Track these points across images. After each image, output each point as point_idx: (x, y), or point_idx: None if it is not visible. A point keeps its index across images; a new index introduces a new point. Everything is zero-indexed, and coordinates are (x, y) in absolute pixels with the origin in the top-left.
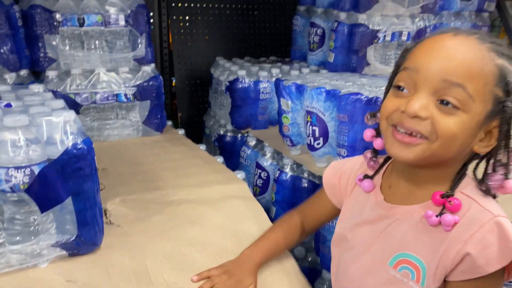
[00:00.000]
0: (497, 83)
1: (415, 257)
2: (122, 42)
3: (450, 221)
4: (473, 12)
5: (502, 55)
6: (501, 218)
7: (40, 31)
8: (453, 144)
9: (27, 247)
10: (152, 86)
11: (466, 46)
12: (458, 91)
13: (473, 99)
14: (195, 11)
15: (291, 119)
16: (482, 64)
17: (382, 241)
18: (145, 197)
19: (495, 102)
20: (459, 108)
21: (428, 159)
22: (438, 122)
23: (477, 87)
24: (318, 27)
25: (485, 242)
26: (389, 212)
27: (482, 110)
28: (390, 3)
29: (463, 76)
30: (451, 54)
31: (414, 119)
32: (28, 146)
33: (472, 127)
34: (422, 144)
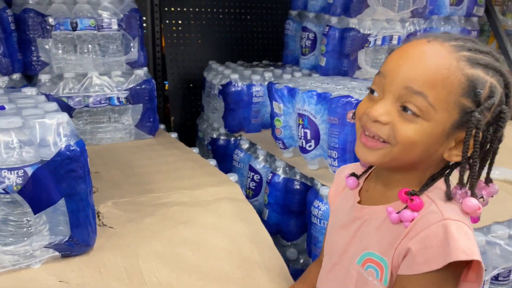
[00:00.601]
0: (464, 93)
1: (378, 256)
2: (115, 46)
3: (408, 217)
4: (462, 17)
5: (478, 64)
6: (450, 222)
7: (33, 35)
8: (413, 150)
9: (20, 248)
10: (144, 90)
11: (434, 54)
12: (419, 99)
13: (435, 108)
14: (188, 15)
15: (283, 122)
16: (448, 73)
17: (355, 242)
18: (138, 199)
19: (462, 112)
20: (419, 116)
21: (390, 163)
22: (397, 128)
23: (439, 96)
24: (310, 31)
25: (426, 241)
26: (360, 213)
27: (446, 120)
28: (380, 7)
29: (425, 84)
30: (416, 62)
31: (376, 124)
32: (21, 148)
33: (435, 135)
34: (383, 149)
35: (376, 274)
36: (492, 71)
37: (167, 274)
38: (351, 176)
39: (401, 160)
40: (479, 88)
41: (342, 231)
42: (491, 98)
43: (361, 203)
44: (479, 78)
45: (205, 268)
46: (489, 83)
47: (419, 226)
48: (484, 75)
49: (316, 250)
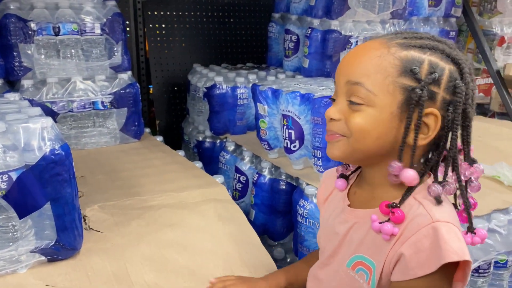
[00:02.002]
0: (401, 73)
1: (368, 259)
2: (98, 50)
3: (388, 231)
4: (441, 18)
5: (411, 47)
6: (439, 224)
7: (14, 40)
8: (367, 137)
9: (5, 253)
10: (129, 94)
11: (366, 48)
12: (358, 89)
13: (374, 93)
14: (171, 19)
15: (268, 123)
16: (380, 60)
17: (345, 245)
18: (124, 203)
19: (404, 92)
20: (363, 104)
21: (354, 155)
22: (348, 120)
23: (376, 82)
24: (293, 33)
25: (418, 245)
26: (350, 216)
27: (391, 102)
28: (361, 9)
29: (360, 74)
30: (351, 59)
31: (332, 122)
32: (5, 153)
33: (384, 118)
34: (341, 140)
35: (366, 276)
36: (429, 50)
37: (155, 276)
38: (340, 178)
39: (361, 150)
40: (414, 65)
41: (333, 234)
42: (433, 73)
43: (351, 206)
44: (414, 57)
45: (192, 269)
46: (427, 60)
47: (409, 230)
48: (419, 54)
49: (303, 249)
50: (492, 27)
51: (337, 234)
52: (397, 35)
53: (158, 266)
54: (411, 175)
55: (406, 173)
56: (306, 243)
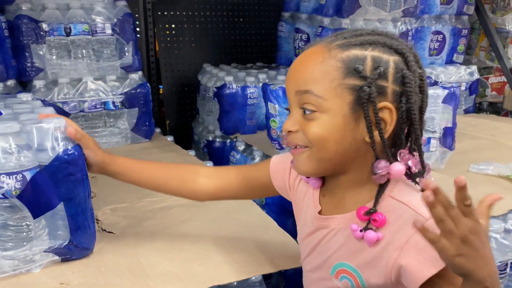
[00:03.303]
0: (345, 74)
1: (350, 266)
2: (109, 50)
3: (372, 238)
4: (453, 16)
5: (351, 46)
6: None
7: (26, 41)
8: (327, 143)
9: (19, 253)
10: (139, 94)
11: (308, 56)
12: (309, 97)
13: (324, 98)
14: (181, 19)
15: (279, 122)
16: (323, 65)
17: (320, 252)
18: (136, 204)
19: (353, 92)
20: (316, 111)
21: (321, 166)
22: (305, 130)
23: (324, 87)
24: (303, 32)
25: (418, 247)
26: (324, 222)
27: (341, 104)
28: (372, 7)
29: (307, 82)
30: (296, 68)
31: (291, 134)
32: (19, 153)
33: (339, 122)
34: (305, 152)
35: (351, 284)
36: (370, 46)
37: (169, 265)
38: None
39: (325, 158)
40: (357, 64)
41: (308, 238)
42: (378, 68)
43: (322, 211)
44: (355, 55)
45: (207, 255)
46: (370, 56)
47: (404, 234)
48: (361, 52)
49: None
50: (505, 25)
51: (312, 240)
52: (337, 36)
53: (171, 256)
54: (400, 168)
55: (395, 167)
56: None
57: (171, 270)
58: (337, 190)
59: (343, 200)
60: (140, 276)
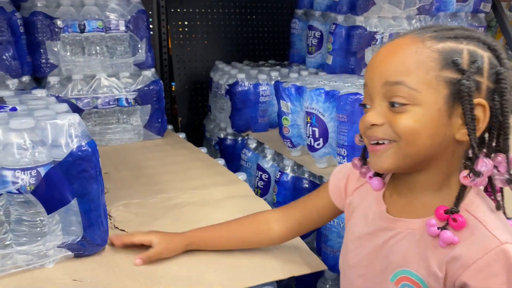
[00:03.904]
0: (442, 66)
1: (415, 275)
2: (123, 47)
3: (447, 239)
4: (469, 13)
5: (446, 38)
6: (509, 246)
7: (41, 38)
8: (418, 138)
9: (33, 248)
10: (152, 91)
11: (398, 45)
12: (400, 89)
13: (418, 90)
14: (194, 16)
15: (291, 120)
16: (417, 55)
17: (384, 255)
18: (149, 201)
19: (449, 85)
20: (408, 104)
21: (405, 162)
22: (394, 123)
23: (418, 78)
24: (316, 30)
25: (488, 271)
26: (391, 225)
27: (436, 97)
28: (387, 5)
29: (399, 73)
30: (384, 58)
31: (374, 128)
32: (34, 148)
33: (432, 116)
34: (391, 148)
35: None
36: (465, 40)
37: (181, 268)
38: (376, 176)
39: (413, 154)
40: (455, 56)
41: (367, 239)
42: (475, 62)
43: (388, 212)
44: (452, 48)
45: (219, 259)
46: (466, 50)
47: (473, 252)
48: (456, 44)
49: (326, 249)
50: None
51: (372, 242)
52: (425, 29)
53: (184, 259)
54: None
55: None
56: (330, 243)
57: (183, 274)
58: (407, 192)
59: (412, 203)
60: (152, 280)
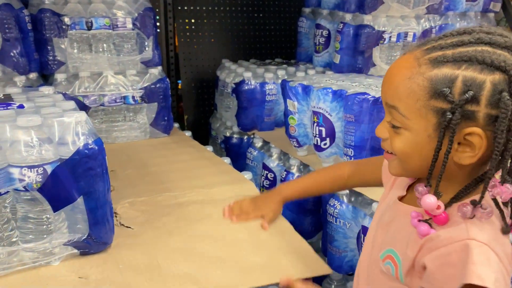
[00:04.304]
0: (431, 96)
1: (396, 254)
2: (130, 45)
3: (423, 231)
4: (478, 13)
5: (444, 62)
6: (473, 243)
7: (49, 35)
8: (409, 159)
9: (39, 245)
10: (159, 89)
11: (400, 66)
12: (394, 112)
13: (407, 117)
14: (201, 14)
15: (298, 120)
16: (410, 82)
17: (383, 234)
18: (154, 199)
19: (438, 114)
20: (401, 127)
21: (407, 172)
22: (391, 142)
23: (408, 106)
24: (324, 28)
25: (446, 259)
26: (394, 208)
27: (426, 125)
28: (395, 4)
29: (394, 98)
30: (387, 79)
31: (383, 140)
32: (40, 146)
33: (422, 142)
34: (394, 160)
35: (392, 271)
36: (465, 63)
37: (186, 266)
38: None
39: (410, 170)
40: (444, 86)
41: (376, 222)
42: (467, 92)
43: (403, 200)
44: (445, 75)
45: (223, 258)
46: (461, 77)
47: (441, 241)
48: (452, 71)
49: (332, 249)
50: None
51: (379, 223)
52: (435, 43)
53: (189, 257)
54: (430, 202)
55: (426, 199)
56: (336, 244)
57: (188, 272)
58: None
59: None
60: (157, 277)
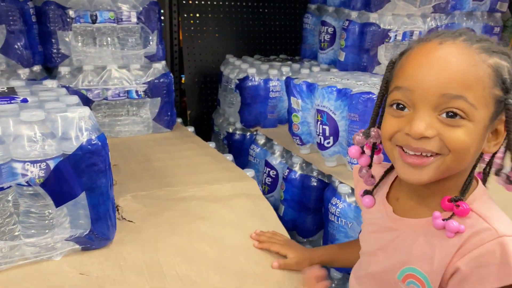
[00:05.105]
0: (495, 83)
1: (419, 272)
2: (134, 39)
3: (454, 228)
4: (485, 12)
5: (493, 52)
6: (506, 239)
7: (53, 28)
8: (468, 153)
9: (41, 240)
10: (163, 83)
11: (456, 54)
12: (460, 103)
13: (476, 107)
14: (205, 9)
15: (301, 117)
16: (476, 69)
17: (390, 253)
18: (157, 193)
19: (496, 103)
20: (465, 118)
21: (443, 175)
22: (447, 137)
23: (477, 94)
24: (329, 25)
25: (481, 260)
26: (397, 224)
27: (485, 115)
28: (401, 2)
29: (461, 87)
30: (443, 66)
31: (422, 140)
32: (44, 141)
33: (480, 133)
34: (435, 162)
35: None
36: (503, 55)
37: (186, 268)
38: (366, 195)
39: (453, 168)
40: (503, 74)
41: (374, 236)
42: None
43: (395, 213)
44: (498, 64)
45: (223, 263)
46: (506, 67)
47: (472, 244)
48: (500, 61)
49: None
50: None
51: (379, 238)
52: (462, 35)
53: (189, 258)
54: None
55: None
56: (337, 243)
57: (188, 274)
58: (415, 195)
59: (419, 205)
60: (158, 277)
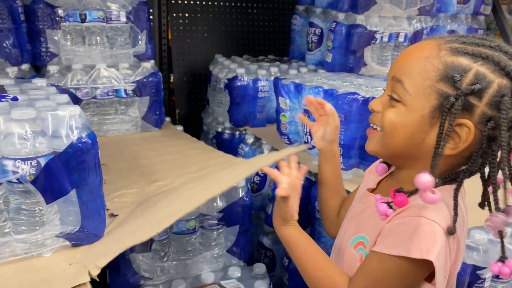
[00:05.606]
0: (441, 78)
1: (366, 239)
2: (123, 38)
3: (382, 211)
4: (469, 15)
5: (463, 53)
6: (424, 220)
7: (42, 26)
8: (395, 134)
9: (32, 236)
10: (151, 83)
11: (420, 47)
12: (398, 86)
13: (409, 93)
14: (194, 9)
15: (289, 117)
16: (425, 61)
17: (352, 222)
18: (145, 189)
19: (439, 97)
20: (399, 101)
21: (383, 151)
22: (383, 114)
23: (415, 83)
24: (317, 27)
25: (397, 228)
26: (365, 199)
27: (424, 105)
28: (388, 4)
29: (404, 72)
30: (403, 54)
31: (374, 113)
32: (34, 139)
33: (413, 120)
34: (376, 136)
35: (365, 255)
36: (482, 60)
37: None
38: (382, 163)
39: (390, 146)
40: (456, 73)
41: (349, 211)
42: (474, 84)
43: (373, 192)
44: (460, 64)
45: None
46: (475, 70)
47: (399, 216)
48: (468, 62)
49: (320, 245)
50: None
51: (350, 212)
52: (458, 38)
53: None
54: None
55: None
56: (324, 240)
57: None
58: (394, 182)
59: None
60: None
